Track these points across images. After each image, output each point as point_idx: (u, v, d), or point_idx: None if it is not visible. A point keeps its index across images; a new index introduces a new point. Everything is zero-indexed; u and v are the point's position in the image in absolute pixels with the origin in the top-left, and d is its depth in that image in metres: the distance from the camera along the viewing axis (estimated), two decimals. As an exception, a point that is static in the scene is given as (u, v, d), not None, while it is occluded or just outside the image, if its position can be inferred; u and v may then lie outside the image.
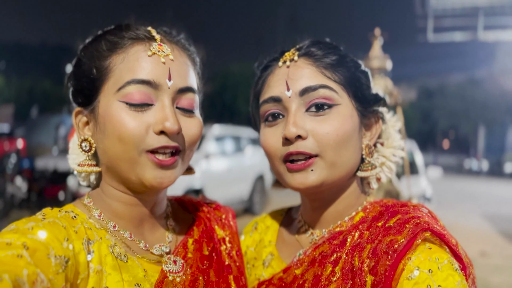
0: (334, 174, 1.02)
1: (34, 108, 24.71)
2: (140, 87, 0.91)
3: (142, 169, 0.93)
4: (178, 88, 0.95)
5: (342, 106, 1.03)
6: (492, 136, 43.70)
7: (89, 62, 0.97)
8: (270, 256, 1.18)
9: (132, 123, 0.90)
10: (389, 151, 1.17)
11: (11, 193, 8.07)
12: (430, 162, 30.70)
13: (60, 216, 0.89)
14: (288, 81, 1.04)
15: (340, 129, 1.00)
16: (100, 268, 0.87)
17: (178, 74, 0.96)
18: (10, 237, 0.76)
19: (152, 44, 0.96)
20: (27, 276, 0.70)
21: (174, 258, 1.02)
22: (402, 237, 0.90)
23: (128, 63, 0.93)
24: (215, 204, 1.28)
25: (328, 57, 1.05)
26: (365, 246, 0.95)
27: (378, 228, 0.96)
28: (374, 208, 1.06)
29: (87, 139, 0.99)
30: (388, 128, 1.19)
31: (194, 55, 1.07)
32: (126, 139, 0.90)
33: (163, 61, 0.95)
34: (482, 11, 23.24)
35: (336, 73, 1.04)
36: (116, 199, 1.00)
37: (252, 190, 10.42)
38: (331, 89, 1.02)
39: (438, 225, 0.95)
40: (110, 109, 0.92)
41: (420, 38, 27.08)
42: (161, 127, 0.91)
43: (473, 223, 10.99)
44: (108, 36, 0.98)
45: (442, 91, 48.13)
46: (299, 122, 1.00)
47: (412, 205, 1.01)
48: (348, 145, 1.02)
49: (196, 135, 1.00)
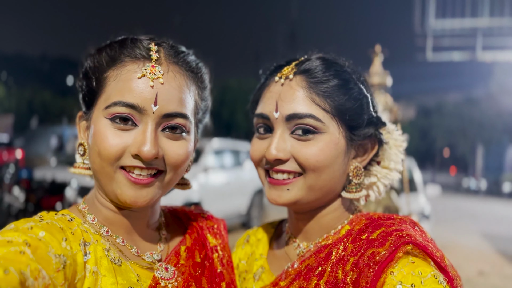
0: (310, 196, 1.04)
1: (34, 118, 24.74)
2: (125, 109, 0.93)
3: (118, 186, 0.95)
4: (164, 113, 0.94)
5: (327, 134, 1.02)
6: (490, 156, 43.80)
7: (91, 72, 0.99)
8: (261, 269, 1.18)
9: (112, 141, 0.92)
10: (384, 172, 1.15)
11: (8, 203, 8.02)
12: (429, 180, 30.66)
13: (57, 218, 0.91)
14: (278, 101, 1.04)
15: (320, 156, 1.01)
16: (95, 270, 0.89)
17: (166, 99, 0.95)
18: (11, 235, 0.77)
19: (145, 65, 0.95)
20: (30, 271, 0.71)
21: (165, 265, 1.03)
22: (383, 249, 0.90)
23: (119, 83, 0.94)
24: (207, 214, 1.29)
25: (324, 83, 1.04)
26: (349, 259, 0.95)
27: (362, 241, 0.97)
28: (360, 221, 1.06)
29: (83, 144, 1.03)
30: (391, 148, 1.17)
31: (198, 74, 1.06)
32: (103, 155, 0.93)
33: (151, 85, 0.94)
34: (481, 32, 23.52)
35: (328, 101, 1.03)
36: (106, 207, 1.01)
37: (250, 205, 10.38)
38: (318, 120, 1.01)
39: (424, 237, 0.95)
40: (97, 124, 0.95)
41: (419, 56, 27.33)
42: (137, 151, 0.92)
43: (472, 242, 10.93)
44: (110, 49, 0.99)
45: (440, 109, 48.39)
46: (281, 145, 1.03)
47: (398, 218, 1.01)
48: (328, 170, 1.03)
49: (180, 159, 0.98)
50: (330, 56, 1.11)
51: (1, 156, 12.92)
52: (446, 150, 49.99)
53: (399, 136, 1.20)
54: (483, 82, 47.11)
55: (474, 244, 10.81)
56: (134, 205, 0.95)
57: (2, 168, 9.37)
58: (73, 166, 1.07)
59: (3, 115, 25.58)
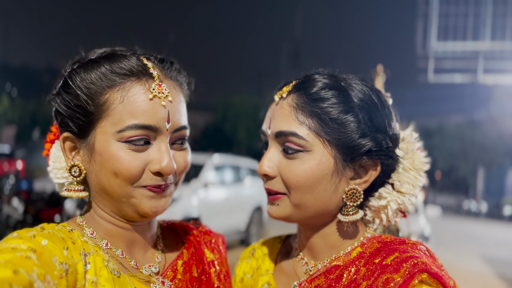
0: (298, 214, 1.05)
1: (36, 130, 24.77)
2: (141, 131, 0.94)
3: (138, 200, 0.96)
4: (175, 129, 0.99)
5: (312, 153, 1.01)
6: (491, 178, 43.68)
7: (84, 94, 0.95)
8: (267, 285, 1.17)
9: (131, 162, 0.93)
10: (395, 195, 1.09)
11: (7, 214, 7.99)
12: (429, 201, 30.51)
13: (58, 229, 0.92)
14: (271, 119, 1.08)
15: (301, 176, 1.00)
16: (95, 280, 0.89)
17: (175, 115, 0.99)
18: (15, 242, 0.78)
19: (152, 85, 0.96)
20: (37, 275, 0.73)
21: (162, 279, 1.03)
22: (398, 276, 0.89)
23: (128, 105, 0.93)
24: (205, 229, 1.29)
25: (313, 103, 1.03)
26: (361, 283, 0.94)
27: (375, 265, 0.96)
28: (372, 244, 1.04)
29: (78, 165, 0.99)
30: (407, 170, 1.10)
31: (184, 84, 1.08)
32: (123, 175, 0.93)
33: (164, 104, 0.96)
34: (482, 55, 23.72)
35: (313, 121, 1.02)
36: (107, 220, 1.02)
37: (249, 222, 10.32)
38: (301, 138, 1.01)
39: (436, 265, 0.95)
40: (109, 148, 0.93)
41: (421, 78, 27.49)
42: (158, 168, 0.95)
43: (472, 265, 10.82)
44: (102, 68, 0.95)
45: (441, 131, 48.43)
46: (269, 163, 1.05)
47: (410, 243, 0.99)
48: (313, 190, 1.01)
49: (186, 166, 1.04)
50: (331, 74, 1.08)
51: (2, 167, 12.93)
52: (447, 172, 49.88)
53: (420, 158, 1.13)
54: (484, 105, 47.30)
55: (475, 267, 10.70)
56: (154, 215, 0.99)
57: (2, 179, 9.37)
58: (67, 190, 1.02)
59: (5, 126, 25.66)
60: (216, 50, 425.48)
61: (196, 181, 8.72)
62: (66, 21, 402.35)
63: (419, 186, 1.11)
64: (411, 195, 1.09)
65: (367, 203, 1.10)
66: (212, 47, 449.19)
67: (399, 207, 1.09)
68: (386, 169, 1.07)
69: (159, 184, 0.97)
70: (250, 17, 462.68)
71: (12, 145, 19.29)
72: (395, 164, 1.08)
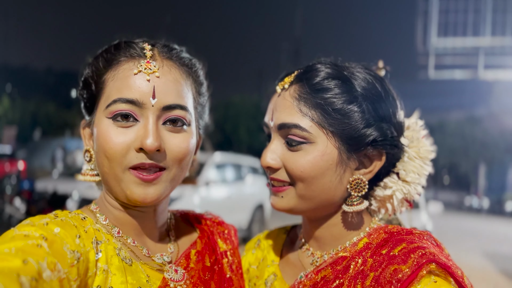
0: (303, 205, 1.04)
1: (37, 131, 24.84)
2: (125, 106, 0.94)
3: (126, 185, 0.96)
4: (163, 106, 0.96)
5: (315, 144, 1.01)
6: (493, 175, 43.66)
7: (90, 78, 1.01)
8: (273, 276, 1.16)
9: (116, 139, 0.94)
10: (400, 185, 1.08)
11: (9, 214, 8.02)
12: (431, 198, 30.51)
13: (71, 216, 0.92)
14: (273, 111, 1.07)
15: (306, 167, 1.00)
16: (106, 268, 0.90)
17: (163, 92, 0.97)
18: (27, 230, 0.79)
19: (140, 62, 0.97)
20: (47, 263, 0.73)
21: (175, 268, 1.03)
22: (406, 267, 0.88)
23: (117, 81, 0.96)
24: (218, 220, 1.29)
25: (315, 93, 1.02)
26: (369, 274, 0.93)
27: (382, 256, 0.95)
28: (378, 235, 1.03)
29: (89, 150, 1.05)
30: (413, 159, 1.09)
31: (193, 69, 1.08)
32: (111, 156, 0.94)
33: (148, 79, 0.96)
34: (483, 51, 23.68)
35: (316, 112, 1.01)
36: (116, 207, 1.03)
37: (251, 220, 10.33)
38: (303, 130, 1.00)
39: (444, 255, 0.94)
40: (100, 125, 0.97)
41: (421, 74, 27.43)
42: (140, 144, 0.93)
43: (474, 261, 10.83)
44: (106, 53, 1.02)
45: (441, 128, 48.37)
46: (273, 155, 1.05)
47: (417, 233, 0.98)
48: (317, 181, 1.01)
49: (181, 152, 0.99)
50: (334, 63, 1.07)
51: (3, 167, 12.96)
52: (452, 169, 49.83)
53: (425, 146, 1.12)
54: (485, 101, 47.25)
55: (477, 263, 10.70)
56: (143, 202, 0.96)
57: (4, 179, 9.39)
58: (81, 174, 1.08)
59: (6, 126, 25.69)
60: (216, 49, 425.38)
61: (198, 180, 8.74)
62: (67, 22, 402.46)
63: (425, 174, 1.10)
64: (417, 184, 1.09)
65: (372, 193, 1.09)
66: (212, 46, 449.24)
67: (404, 196, 1.08)
68: (391, 158, 1.06)
69: (143, 163, 0.94)
70: (250, 15, 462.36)
71: (14, 146, 19.32)
72: (400, 153, 1.07)
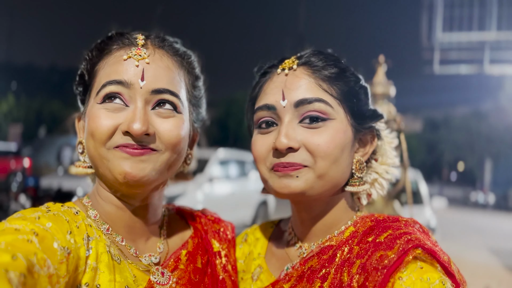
0: (319, 186, 1.01)
1: (42, 128, 24.98)
2: (113, 87, 0.95)
3: (112, 164, 0.93)
4: (152, 89, 0.95)
5: (336, 121, 1.01)
6: (499, 170, 43.41)
7: (84, 69, 1.03)
8: (259, 269, 1.16)
9: (104, 121, 0.94)
10: (383, 168, 1.15)
11: (14, 210, 8.07)
12: (436, 194, 30.42)
13: (63, 210, 0.91)
14: (284, 90, 1.03)
15: (332, 142, 0.99)
16: (95, 265, 0.89)
17: (153, 76, 0.96)
18: (18, 223, 0.78)
19: (131, 49, 0.98)
20: (37, 259, 0.72)
21: (162, 270, 1.02)
22: (392, 253, 0.88)
23: (107, 68, 0.98)
24: (214, 217, 1.27)
25: (327, 69, 1.04)
26: (355, 262, 0.93)
27: (368, 243, 0.95)
28: (364, 223, 1.04)
29: (82, 141, 1.05)
30: (384, 144, 1.17)
31: (187, 60, 1.07)
32: (96, 135, 0.93)
33: (137, 64, 0.96)
34: (488, 45, 23.51)
35: (333, 87, 1.03)
36: (108, 201, 1.02)
37: (254, 216, 10.35)
38: (327, 104, 1.00)
39: (430, 241, 0.94)
40: (90, 111, 0.97)
41: (426, 70, 27.32)
42: (126, 127, 0.92)
43: (479, 257, 10.78)
44: (100, 44, 1.03)
45: (447, 123, 48.20)
46: (291, 134, 1.00)
47: (403, 220, 0.99)
48: (339, 159, 1.01)
49: (173, 137, 0.97)
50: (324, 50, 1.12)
51: (9, 164, 13.04)
52: (457, 164, 49.64)
53: (389, 134, 1.20)
54: (491, 95, 46.93)
55: (481, 258, 10.66)
56: (132, 178, 0.92)
57: (10, 176, 9.46)
58: (74, 165, 1.07)
59: (12, 124, 25.84)
60: (219, 46, 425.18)
61: (201, 176, 8.75)
62: (72, 20, 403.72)
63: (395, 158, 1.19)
64: (395, 165, 1.18)
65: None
66: (215, 42, 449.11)
67: (388, 176, 1.15)
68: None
69: (129, 143, 0.93)
70: (253, 11, 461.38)
71: (19, 143, 19.43)
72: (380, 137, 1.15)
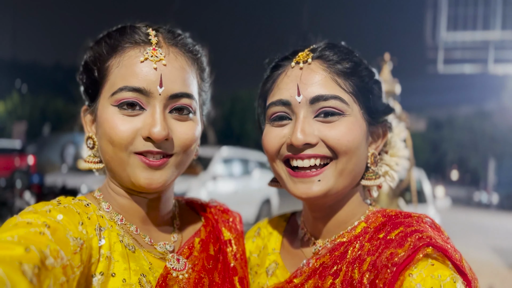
0: (339, 183, 1.01)
1: (46, 126, 25.05)
2: (131, 94, 0.94)
3: (132, 170, 0.96)
4: (170, 94, 0.96)
5: (350, 116, 1.01)
6: (502, 170, 43.20)
7: (92, 64, 1.00)
8: (275, 265, 1.17)
9: (122, 127, 0.94)
10: (394, 160, 1.16)
11: (19, 207, 8.12)
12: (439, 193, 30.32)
13: (74, 203, 0.93)
14: (300, 85, 1.01)
15: (350, 136, 0.99)
16: (109, 254, 0.90)
17: (170, 80, 0.96)
18: (30, 217, 0.79)
19: (146, 49, 0.97)
20: (50, 251, 0.73)
21: (177, 257, 1.03)
22: (402, 251, 0.88)
23: (122, 69, 0.95)
24: (223, 207, 1.30)
25: (342, 64, 1.03)
26: (365, 259, 0.93)
27: (379, 240, 0.95)
28: (376, 218, 1.04)
29: (91, 137, 1.04)
30: (394, 137, 1.18)
31: (197, 55, 1.08)
32: (115, 142, 0.94)
33: (155, 67, 0.95)
34: (493, 45, 23.40)
35: (349, 82, 1.02)
36: (121, 195, 1.03)
37: (258, 214, 10.36)
38: (343, 101, 1.00)
39: (442, 238, 0.94)
40: (104, 113, 0.97)
41: (430, 69, 27.23)
42: (148, 133, 0.93)
43: (482, 257, 10.76)
44: (109, 38, 1.00)
45: (451, 122, 48.01)
46: (307, 129, 0.99)
47: (415, 216, 0.99)
48: (357, 152, 1.01)
49: (188, 140, 0.99)
50: (338, 43, 1.10)
51: (14, 162, 13.09)
52: (461, 164, 49.49)
53: (397, 126, 1.22)
54: (495, 95, 46.74)
55: (485, 258, 10.63)
56: (149, 187, 0.96)
57: (14, 174, 9.50)
58: (84, 161, 1.07)
59: (16, 122, 25.92)
60: (223, 44, 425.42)
61: (205, 174, 8.77)
62: (76, 18, 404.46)
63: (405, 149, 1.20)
64: (405, 157, 1.18)
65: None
66: (219, 40, 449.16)
67: (399, 168, 1.17)
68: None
69: (150, 150, 0.94)
70: (257, 9, 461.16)
71: (23, 141, 19.51)
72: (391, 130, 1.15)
